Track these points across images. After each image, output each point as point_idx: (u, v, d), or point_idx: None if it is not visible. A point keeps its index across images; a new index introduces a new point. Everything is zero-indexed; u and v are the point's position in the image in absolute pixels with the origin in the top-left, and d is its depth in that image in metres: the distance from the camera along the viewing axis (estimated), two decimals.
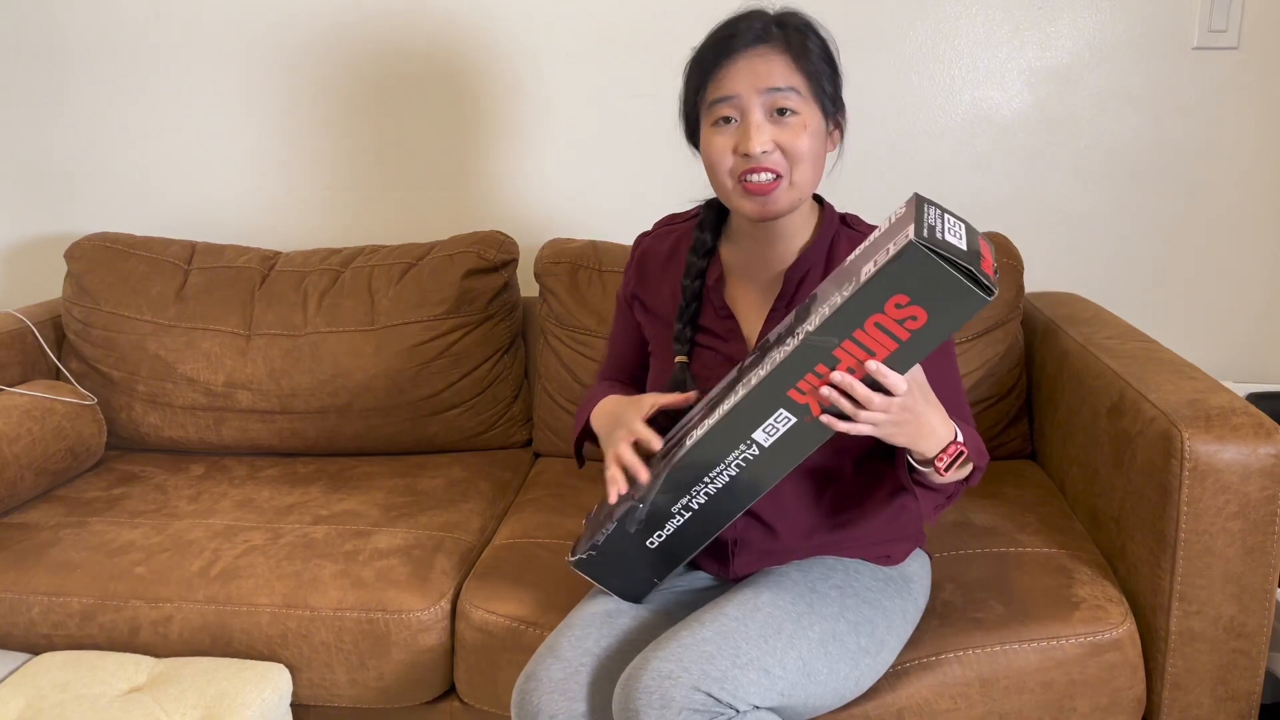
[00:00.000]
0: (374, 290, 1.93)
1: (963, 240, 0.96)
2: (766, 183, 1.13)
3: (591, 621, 1.21)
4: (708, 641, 1.08)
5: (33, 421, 1.76)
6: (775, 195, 1.14)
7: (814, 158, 1.15)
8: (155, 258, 2.01)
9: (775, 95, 1.12)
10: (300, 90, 2.13)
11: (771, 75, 1.13)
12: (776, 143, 1.12)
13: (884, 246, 0.97)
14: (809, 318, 1.02)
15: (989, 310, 1.76)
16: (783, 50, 1.14)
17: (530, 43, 2.06)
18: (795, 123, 1.13)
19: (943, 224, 0.97)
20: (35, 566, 1.55)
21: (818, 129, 1.15)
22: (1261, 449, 1.23)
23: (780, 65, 1.13)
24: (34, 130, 2.22)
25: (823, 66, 1.16)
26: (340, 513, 1.69)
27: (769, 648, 1.10)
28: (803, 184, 1.15)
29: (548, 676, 1.15)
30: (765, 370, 1.02)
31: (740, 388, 1.05)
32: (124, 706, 1.34)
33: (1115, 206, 2.02)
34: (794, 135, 1.13)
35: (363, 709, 1.52)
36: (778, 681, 1.09)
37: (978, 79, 1.99)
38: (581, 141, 2.09)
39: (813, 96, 1.14)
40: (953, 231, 0.96)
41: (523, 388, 2.01)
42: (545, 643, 1.21)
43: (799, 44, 1.14)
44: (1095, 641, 1.27)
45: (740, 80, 1.13)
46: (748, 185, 1.14)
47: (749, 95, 1.13)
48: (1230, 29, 1.91)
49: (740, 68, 1.13)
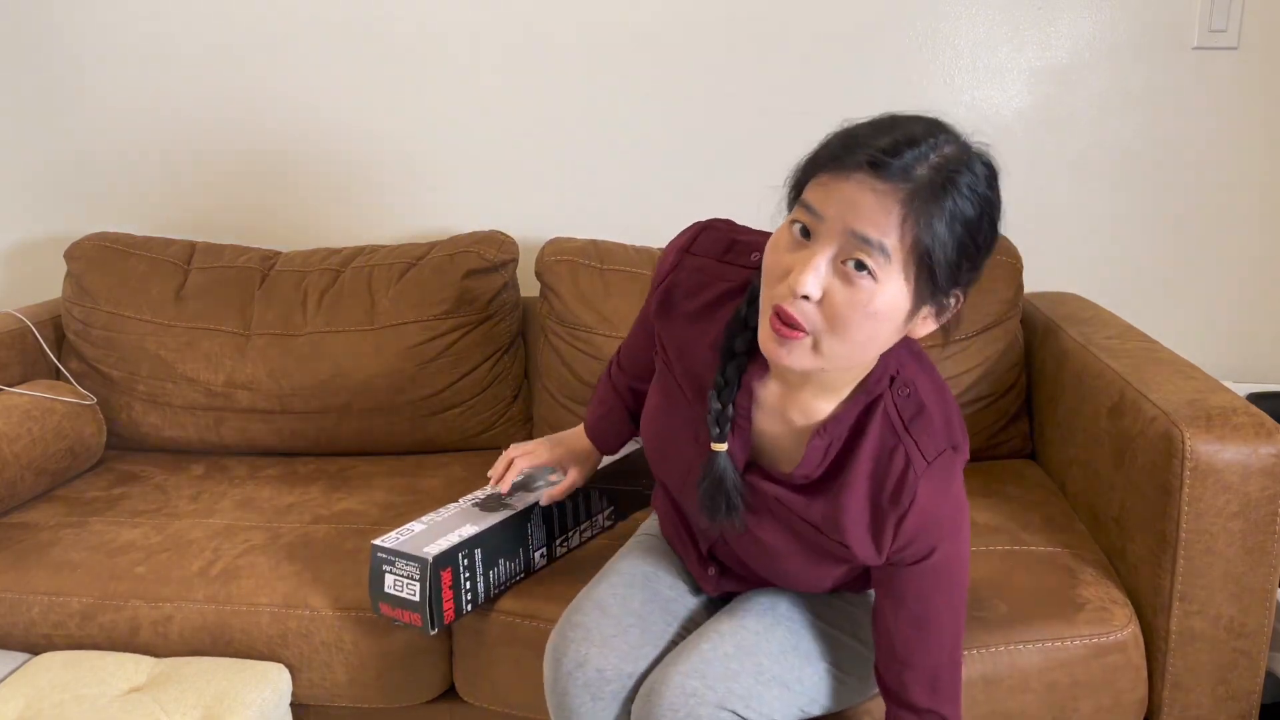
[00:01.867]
0: (374, 290, 1.93)
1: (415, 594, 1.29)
2: (790, 331, 0.90)
3: (634, 581, 1.21)
4: (731, 658, 1.08)
5: (33, 421, 1.76)
6: (791, 348, 0.91)
7: (866, 337, 0.90)
8: (155, 258, 2.01)
9: (858, 245, 0.86)
10: (301, 90, 2.13)
11: (869, 218, 0.86)
12: (828, 295, 0.88)
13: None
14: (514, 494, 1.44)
15: (989, 308, 1.76)
16: (903, 198, 0.86)
17: (531, 42, 2.06)
18: (864, 287, 0.87)
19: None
20: (35, 566, 1.55)
21: (892, 308, 0.89)
22: (1262, 449, 1.23)
23: (887, 213, 0.86)
24: (34, 130, 2.21)
25: (952, 238, 0.88)
26: (340, 513, 1.69)
27: (789, 664, 1.10)
28: (833, 357, 0.91)
29: (597, 629, 1.14)
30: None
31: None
32: (124, 706, 1.34)
33: (1115, 206, 2.02)
34: (849, 304, 0.88)
35: (363, 709, 1.52)
36: (798, 697, 1.09)
37: (978, 79, 1.99)
38: (582, 140, 2.09)
39: (904, 268, 0.87)
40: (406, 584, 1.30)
41: (523, 387, 2.01)
42: (583, 593, 1.20)
43: (926, 195, 0.86)
44: (1100, 643, 1.27)
45: (834, 202, 0.87)
46: (773, 320, 0.91)
47: (834, 224, 0.87)
48: (1230, 29, 1.91)
49: (846, 190, 0.87)
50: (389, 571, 1.32)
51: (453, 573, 1.31)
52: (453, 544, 1.31)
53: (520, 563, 1.41)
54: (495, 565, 1.37)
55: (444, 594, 1.30)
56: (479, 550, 1.34)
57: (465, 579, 1.33)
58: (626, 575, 1.23)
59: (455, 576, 1.31)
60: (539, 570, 1.45)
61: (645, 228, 2.02)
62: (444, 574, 1.30)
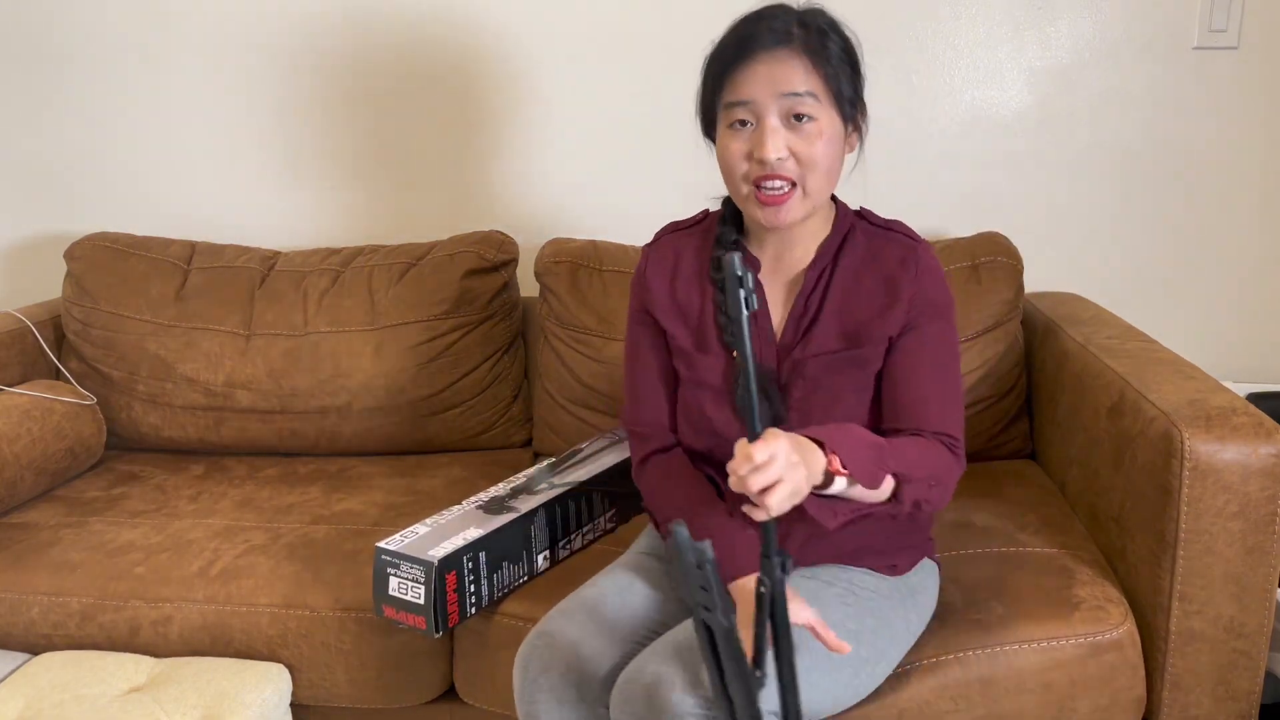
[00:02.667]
0: (374, 290, 1.93)
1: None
2: (780, 194, 1.12)
3: (606, 592, 1.23)
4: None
5: (33, 421, 1.76)
6: (789, 205, 1.13)
7: (829, 164, 1.13)
8: (155, 258, 2.01)
9: (792, 100, 1.10)
10: (300, 90, 2.13)
11: (790, 79, 1.10)
12: (791, 149, 1.11)
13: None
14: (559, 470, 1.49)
15: (989, 310, 1.76)
16: (802, 53, 1.10)
17: (531, 42, 2.06)
18: (811, 129, 1.11)
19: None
20: (35, 566, 1.55)
21: (834, 134, 1.13)
22: (1262, 449, 1.23)
23: (799, 69, 1.10)
24: (34, 130, 2.22)
25: (843, 69, 1.13)
26: (340, 513, 1.69)
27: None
28: (816, 191, 1.14)
29: (562, 635, 1.16)
30: None
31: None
32: (124, 706, 1.34)
33: (1115, 206, 2.02)
34: (809, 142, 1.11)
35: (363, 709, 1.52)
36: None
37: (978, 79, 1.99)
38: (582, 141, 2.09)
39: (831, 101, 1.12)
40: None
41: (523, 387, 2.01)
42: (556, 607, 1.22)
43: (819, 46, 1.11)
44: (1095, 642, 1.27)
45: (758, 84, 1.10)
46: (761, 196, 1.13)
47: (765, 100, 1.10)
48: (1230, 29, 1.91)
49: (759, 71, 1.10)
50: (393, 574, 1.32)
51: (457, 576, 1.31)
52: (457, 547, 1.31)
53: (524, 566, 1.42)
54: (499, 568, 1.37)
55: (448, 597, 1.31)
56: (483, 554, 1.34)
57: (469, 582, 1.33)
58: (601, 587, 1.25)
59: (460, 580, 1.32)
60: (542, 574, 1.45)
61: (645, 228, 2.02)
62: (449, 577, 1.30)
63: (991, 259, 1.79)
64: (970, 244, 1.83)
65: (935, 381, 1.18)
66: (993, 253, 1.80)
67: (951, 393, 1.20)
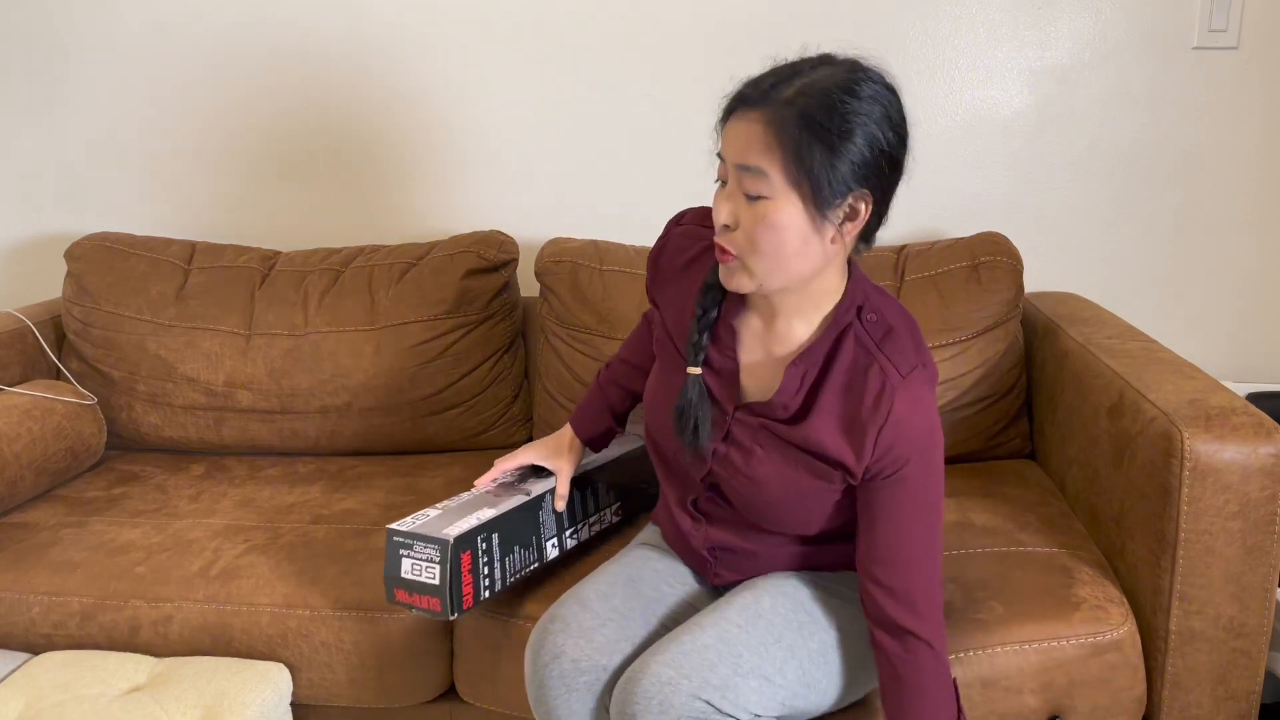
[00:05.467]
0: (374, 290, 1.93)
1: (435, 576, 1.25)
2: (725, 257, 1.04)
3: (616, 581, 1.23)
4: (709, 649, 1.08)
5: (33, 421, 1.76)
6: (729, 271, 1.05)
7: (777, 252, 1.00)
8: (155, 258, 2.01)
9: (742, 174, 1.00)
10: (300, 90, 2.13)
11: (746, 150, 0.98)
12: (740, 222, 1.01)
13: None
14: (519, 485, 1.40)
15: (989, 310, 1.76)
16: (766, 121, 0.97)
17: (530, 42, 2.06)
18: (759, 209, 0.99)
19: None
20: (35, 566, 1.55)
21: (789, 223, 0.99)
22: (1261, 449, 1.23)
23: (757, 140, 0.97)
24: (34, 130, 2.22)
25: (816, 152, 0.96)
26: (340, 513, 1.69)
27: (770, 656, 1.09)
28: (765, 275, 1.03)
29: (575, 621, 1.16)
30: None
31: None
32: (124, 706, 1.34)
33: (1115, 206, 2.02)
34: (752, 222, 1.00)
35: (363, 709, 1.52)
36: (779, 691, 1.09)
37: (978, 79, 1.99)
38: (582, 140, 2.09)
39: (787, 185, 0.98)
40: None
41: (523, 387, 2.01)
42: (568, 592, 1.23)
43: (784, 117, 0.96)
44: (1096, 642, 1.27)
45: (727, 144, 1.02)
46: (717, 252, 1.06)
47: (731, 162, 1.01)
48: (1230, 29, 1.91)
49: (731, 130, 1.01)
50: (406, 555, 1.28)
51: (472, 556, 1.28)
52: (472, 526, 1.29)
53: (534, 552, 1.39)
54: (511, 552, 1.35)
55: (464, 578, 1.27)
56: (496, 535, 1.32)
57: (484, 563, 1.31)
58: (610, 575, 1.25)
59: (474, 560, 1.29)
60: (550, 562, 1.43)
61: (645, 228, 2.02)
62: (464, 556, 1.27)
63: (991, 259, 1.79)
64: (970, 244, 1.83)
65: (916, 543, 1.08)
66: (993, 253, 1.80)
67: (933, 557, 1.09)
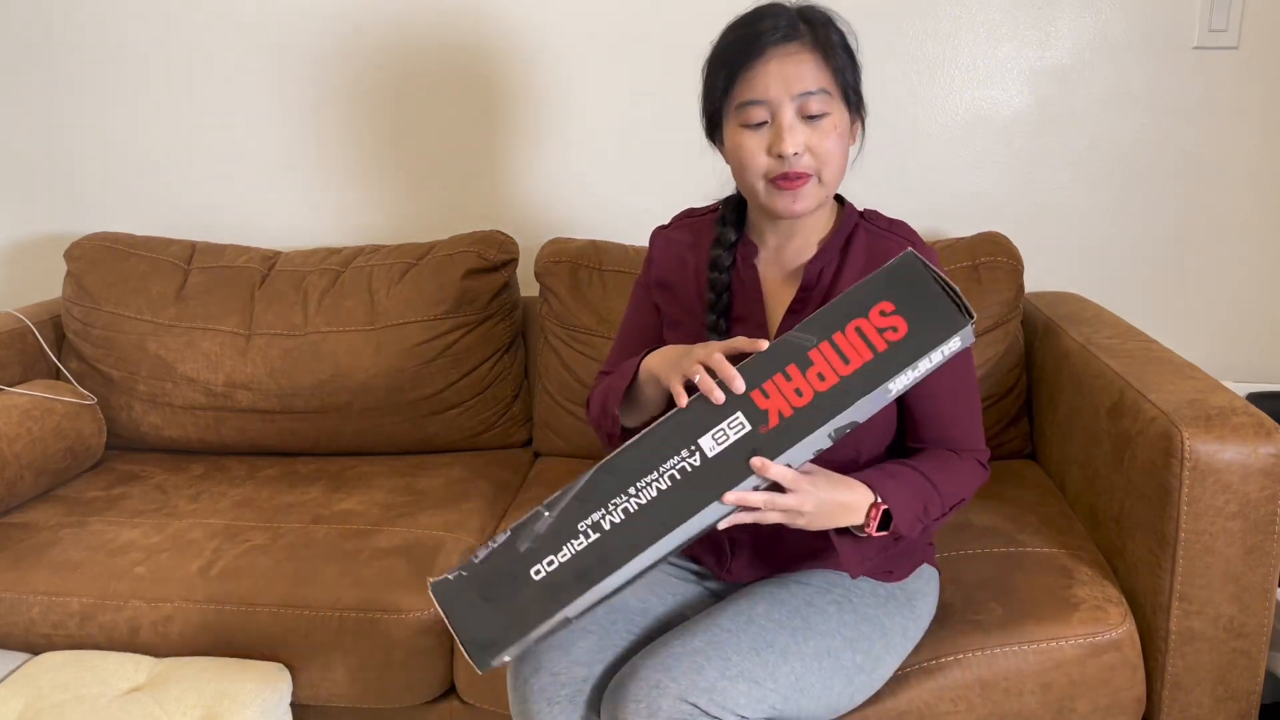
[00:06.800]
0: (374, 290, 1.93)
1: (951, 283, 1.01)
2: (799, 183, 1.13)
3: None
4: (698, 652, 1.08)
5: (33, 421, 1.76)
6: (805, 192, 1.14)
7: (841, 157, 1.15)
8: (155, 258, 2.01)
9: (808, 99, 1.11)
10: (301, 90, 2.13)
11: (803, 78, 1.11)
12: (808, 145, 1.12)
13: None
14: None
15: (989, 310, 1.76)
16: (812, 49, 1.12)
17: (531, 42, 2.06)
18: (826, 125, 1.12)
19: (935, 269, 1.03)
20: (35, 566, 1.55)
21: (845, 128, 1.15)
22: (1261, 449, 1.23)
23: (811, 67, 1.12)
24: (34, 130, 2.22)
25: (846, 62, 1.15)
26: (340, 513, 1.69)
27: (760, 660, 1.09)
28: (830, 182, 1.16)
29: (554, 635, 1.15)
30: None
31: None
32: (124, 706, 1.34)
33: (1115, 206, 2.02)
34: (824, 137, 1.12)
35: (363, 709, 1.52)
36: (769, 695, 1.08)
37: (978, 79, 1.99)
38: (582, 141, 2.09)
39: (840, 96, 1.14)
40: (943, 276, 1.01)
41: (523, 387, 2.01)
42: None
43: (826, 41, 1.13)
44: (1095, 642, 1.27)
45: (771, 82, 1.11)
46: (780, 183, 1.14)
47: (781, 98, 1.11)
48: (1230, 29, 1.91)
49: (771, 69, 1.11)
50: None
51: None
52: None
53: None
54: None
55: None
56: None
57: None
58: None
59: None
60: None
61: (645, 228, 2.02)
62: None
63: (991, 259, 1.79)
64: (970, 244, 1.83)
65: (956, 399, 1.20)
66: (993, 253, 1.80)
67: (973, 407, 1.22)
